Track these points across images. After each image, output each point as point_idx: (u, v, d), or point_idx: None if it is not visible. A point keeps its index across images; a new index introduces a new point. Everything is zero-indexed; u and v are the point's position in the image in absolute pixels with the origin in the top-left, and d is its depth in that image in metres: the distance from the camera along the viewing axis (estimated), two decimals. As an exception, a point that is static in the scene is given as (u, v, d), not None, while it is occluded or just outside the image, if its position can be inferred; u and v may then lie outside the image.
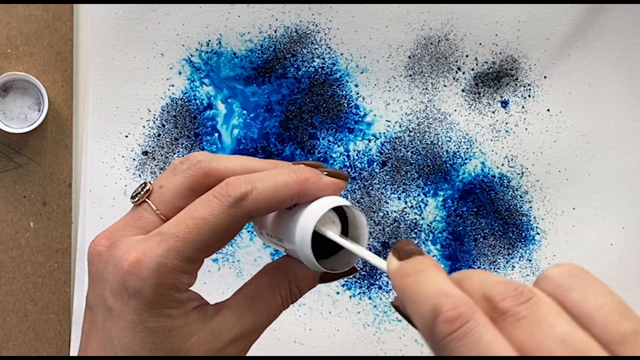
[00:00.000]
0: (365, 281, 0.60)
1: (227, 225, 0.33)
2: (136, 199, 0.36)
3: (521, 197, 0.60)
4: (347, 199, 0.59)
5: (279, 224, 0.35)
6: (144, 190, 0.36)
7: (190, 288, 0.36)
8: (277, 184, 0.34)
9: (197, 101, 0.58)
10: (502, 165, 0.60)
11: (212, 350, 0.35)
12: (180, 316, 0.34)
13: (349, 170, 0.59)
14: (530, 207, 0.61)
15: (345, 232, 0.36)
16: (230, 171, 0.35)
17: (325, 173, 0.35)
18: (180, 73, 0.58)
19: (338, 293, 0.59)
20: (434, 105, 0.60)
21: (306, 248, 0.34)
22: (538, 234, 0.61)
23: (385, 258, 0.31)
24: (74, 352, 0.57)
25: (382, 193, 0.60)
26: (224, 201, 0.33)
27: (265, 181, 0.34)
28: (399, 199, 0.60)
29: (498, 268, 0.60)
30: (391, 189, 0.60)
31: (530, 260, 0.61)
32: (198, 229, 0.33)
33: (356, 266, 0.37)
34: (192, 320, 0.34)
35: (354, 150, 0.59)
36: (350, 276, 0.60)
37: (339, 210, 0.35)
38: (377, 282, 0.60)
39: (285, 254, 0.38)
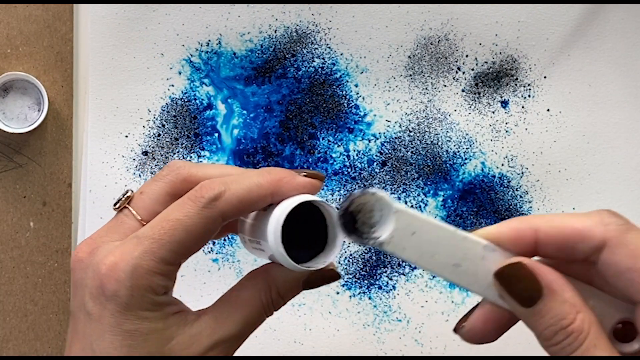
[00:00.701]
0: (365, 281, 0.60)
1: (202, 226, 0.34)
2: (117, 205, 0.37)
3: (521, 197, 0.60)
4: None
5: (256, 226, 0.36)
6: (125, 196, 0.37)
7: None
8: (251, 184, 0.34)
9: (197, 101, 0.58)
10: (502, 165, 0.60)
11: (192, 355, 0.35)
12: (159, 319, 0.34)
13: (349, 170, 0.59)
14: (530, 207, 0.61)
15: (325, 233, 0.36)
16: (208, 176, 0.36)
17: (303, 174, 0.36)
18: (180, 73, 0.58)
19: (338, 293, 0.59)
20: (434, 105, 0.60)
21: (277, 243, 0.34)
22: (538, 234, 0.61)
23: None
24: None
25: (382, 193, 0.60)
26: (198, 202, 0.34)
27: (238, 182, 0.34)
28: (399, 199, 0.60)
29: (498, 268, 0.60)
30: (391, 189, 0.60)
31: (530, 260, 0.60)
32: (173, 230, 0.34)
33: (337, 270, 0.38)
34: (171, 325, 0.34)
35: (354, 150, 0.59)
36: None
37: (317, 212, 0.36)
38: (377, 282, 0.60)
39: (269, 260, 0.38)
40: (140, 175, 0.58)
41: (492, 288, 0.33)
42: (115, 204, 0.37)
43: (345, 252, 0.59)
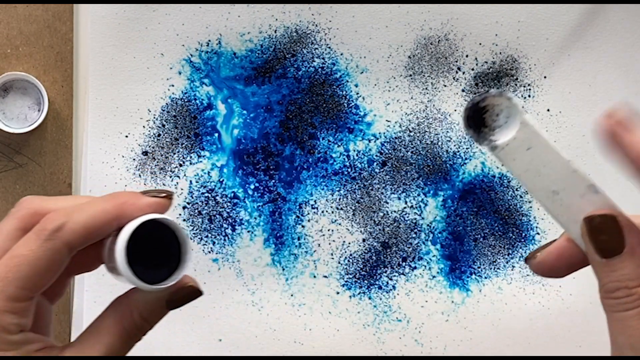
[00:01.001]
0: (365, 281, 0.60)
1: (47, 259, 0.34)
2: None
3: (521, 197, 0.60)
4: (347, 199, 0.59)
5: (110, 250, 0.36)
6: None
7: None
8: (95, 211, 0.34)
9: (197, 101, 0.58)
10: (502, 165, 0.60)
11: None
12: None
13: (349, 170, 0.59)
14: (530, 207, 0.61)
15: (178, 251, 0.36)
16: (57, 208, 0.35)
17: (151, 194, 0.36)
18: (180, 73, 0.58)
19: (338, 293, 0.59)
20: (434, 105, 0.60)
21: (123, 264, 0.34)
22: (538, 234, 0.61)
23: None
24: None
25: (382, 193, 0.60)
26: (41, 235, 0.34)
27: (82, 211, 0.34)
28: (399, 199, 0.60)
29: (498, 268, 0.60)
30: (391, 189, 0.60)
31: (530, 260, 0.61)
32: (18, 266, 0.33)
33: (197, 286, 0.38)
34: None
35: (354, 150, 0.59)
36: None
37: (169, 232, 0.36)
38: (377, 282, 0.60)
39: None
40: (140, 176, 0.58)
41: (578, 227, 0.33)
42: None
43: (345, 252, 0.59)
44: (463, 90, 0.60)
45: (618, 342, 0.32)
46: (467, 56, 0.59)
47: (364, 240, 0.59)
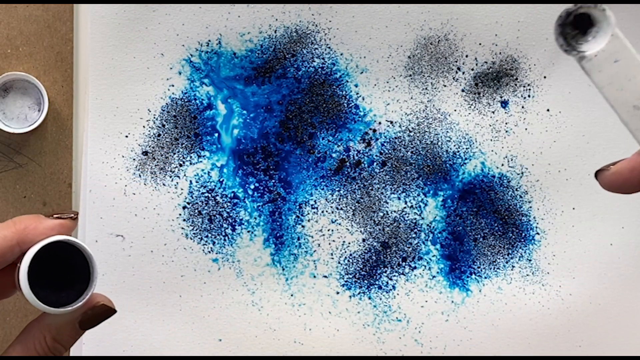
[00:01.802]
0: (365, 281, 0.60)
1: None
2: None
3: (521, 197, 0.60)
4: (347, 199, 0.59)
5: (17, 276, 0.36)
6: None
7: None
8: None
9: (197, 101, 0.58)
10: (502, 165, 0.60)
11: None
12: None
13: (349, 170, 0.59)
14: (530, 207, 0.61)
15: (88, 270, 0.36)
16: None
17: (55, 216, 0.36)
18: (180, 73, 0.58)
19: (338, 293, 0.59)
20: (433, 105, 0.60)
21: (26, 289, 0.34)
22: (538, 233, 0.61)
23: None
24: (74, 352, 0.58)
25: (382, 193, 0.60)
26: None
27: None
28: (399, 199, 0.60)
29: (498, 268, 0.60)
30: (391, 189, 0.60)
31: (530, 260, 0.61)
32: None
33: (110, 305, 0.38)
34: None
35: (354, 150, 0.59)
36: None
37: (79, 253, 0.36)
38: (377, 282, 0.60)
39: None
40: (140, 176, 0.58)
41: None
42: None
43: (345, 252, 0.59)
44: (463, 91, 0.60)
45: None
46: (467, 56, 0.59)
47: (363, 240, 0.59)
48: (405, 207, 0.60)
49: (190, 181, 0.58)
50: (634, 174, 0.35)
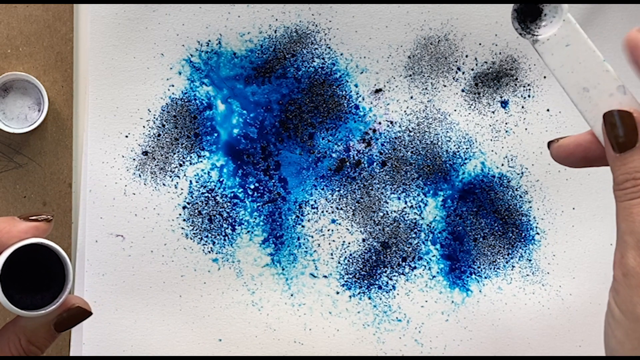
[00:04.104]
0: (365, 281, 0.60)
1: None
2: None
3: (521, 197, 0.61)
4: (347, 199, 0.59)
5: None
6: None
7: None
8: None
9: (197, 101, 0.58)
10: (502, 165, 0.60)
11: None
12: None
13: (349, 170, 0.59)
14: (530, 207, 0.61)
15: (63, 273, 0.36)
16: None
17: (32, 218, 0.36)
18: (180, 73, 0.58)
19: (338, 293, 0.59)
20: (433, 105, 0.60)
21: None
22: (538, 233, 0.61)
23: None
24: (74, 352, 0.58)
25: (382, 193, 0.60)
26: None
27: None
28: (399, 199, 0.60)
29: (498, 268, 0.60)
30: (391, 189, 0.60)
31: (530, 260, 0.61)
32: None
33: (85, 307, 0.38)
34: None
35: (354, 150, 0.59)
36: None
37: (55, 256, 0.36)
38: (377, 282, 0.60)
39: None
40: (140, 176, 0.58)
41: (600, 123, 0.36)
42: None
43: (345, 252, 0.59)
44: (463, 91, 0.60)
45: (621, 228, 0.34)
46: (466, 56, 0.59)
47: (363, 240, 0.59)
48: (405, 207, 0.60)
49: (190, 181, 0.58)
50: (578, 149, 0.37)
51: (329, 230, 0.59)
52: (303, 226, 0.59)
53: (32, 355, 0.37)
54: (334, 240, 0.59)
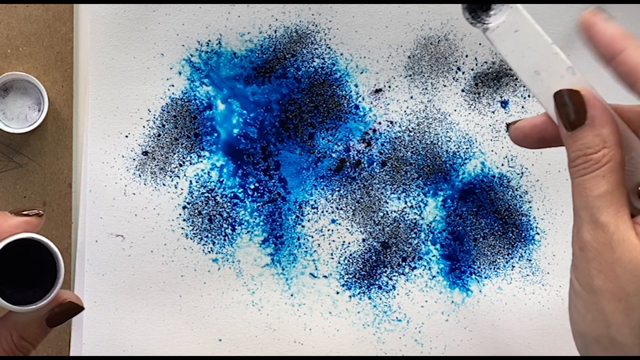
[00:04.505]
0: (365, 281, 0.60)
1: None
2: None
3: (521, 197, 0.61)
4: (347, 199, 0.59)
5: None
6: None
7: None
8: None
9: (197, 101, 0.58)
10: (502, 165, 0.60)
11: None
12: None
13: (349, 170, 0.59)
14: (530, 207, 0.61)
15: (54, 267, 0.36)
16: None
17: (24, 213, 0.36)
18: (180, 73, 0.58)
19: (338, 293, 0.59)
20: (433, 105, 0.60)
21: None
22: (538, 233, 0.61)
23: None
24: (74, 352, 0.58)
25: (382, 193, 0.60)
26: None
27: None
28: (399, 199, 0.60)
29: (498, 268, 0.60)
30: (391, 189, 0.60)
31: (530, 260, 0.61)
32: None
33: (77, 302, 0.38)
34: None
35: (354, 150, 0.59)
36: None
37: (46, 251, 0.36)
38: (377, 282, 0.60)
39: None
40: (140, 176, 0.58)
41: (552, 104, 0.37)
42: None
43: (345, 252, 0.59)
44: (463, 91, 0.60)
45: (576, 204, 0.35)
46: (466, 56, 0.59)
47: (363, 240, 0.59)
48: (405, 207, 0.60)
49: (190, 181, 0.58)
50: (534, 130, 0.38)
51: (329, 230, 0.59)
52: (303, 226, 0.59)
53: (24, 351, 0.37)
54: (334, 240, 0.59)
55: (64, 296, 0.37)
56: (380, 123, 0.59)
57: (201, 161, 0.58)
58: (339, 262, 0.59)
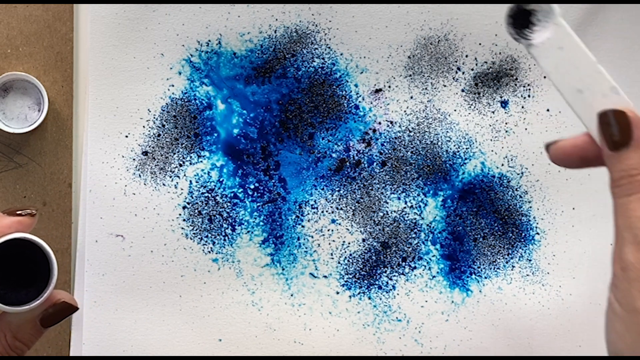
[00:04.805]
0: (365, 281, 0.60)
1: None
2: None
3: (521, 197, 0.60)
4: (347, 199, 0.59)
5: None
6: None
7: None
8: None
9: (197, 101, 0.58)
10: (502, 165, 0.60)
11: None
12: None
13: (349, 170, 0.59)
14: (530, 207, 0.61)
15: (47, 267, 0.36)
16: None
17: (18, 213, 0.36)
18: (180, 73, 0.58)
19: (338, 293, 0.59)
20: (433, 105, 0.60)
21: None
22: (538, 233, 0.61)
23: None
24: (74, 352, 0.58)
25: (382, 193, 0.60)
26: None
27: None
28: (399, 199, 0.60)
29: (498, 268, 0.60)
30: (391, 189, 0.60)
31: (530, 260, 0.61)
32: None
33: (71, 302, 0.38)
34: None
35: (354, 150, 0.59)
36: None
37: (40, 251, 0.36)
38: (377, 282, 0.60)
39: None
40: (140, 176, 0.58)
41: (595, 123, 0.37)
42: None
43: (345, 252, 0.59)
44: (463, 90, 0.60)
45: (618, 224, 0.35)
46: (466, 56, 0.59)
47: (363, 240, 0.59)
48: (405, 207, 0.60)
49: (190, 181, 0.58)
50: (575, 150, 0.38)
51: (329, 230, 0.59)
52: (303, 226, 0.59)
53: (18, 351, 0.37)
54: (334, 240, 0.59)
55: (57, 296, 0.37)
56: (380, 123, 0.59)
57: (201, 161, 0.58)
58: (339, 262, 0.59)
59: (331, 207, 0.59)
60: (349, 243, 0.59)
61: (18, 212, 0.36)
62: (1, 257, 0.35)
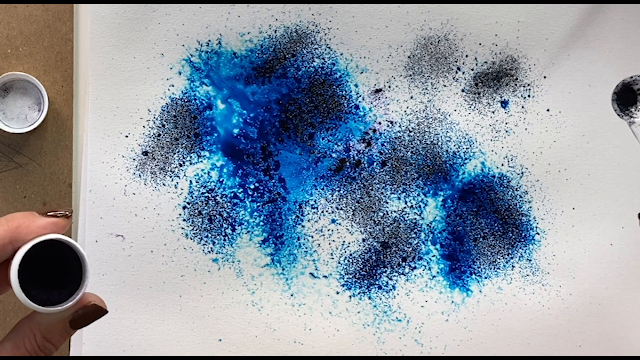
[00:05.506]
0: (365, 281, 0.60)
1: None
2: None
3: (521, 197, 0.60)
4: (347, 199, 0.59)
5: (10, 274, 0.36)
6: None
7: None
8: None
9: (197, 101, 0.58)
10: (502, 165, 0.60)
11: None
12: None
13: (349, 170, 0.59)
14: (530, 207, 0.61)
15: (80, 270, 0.36)
16: None
17: (50, 214, 0.36)
18: (180, 73, 0.58)
19: (338, 293, 0.59)
20: (433, 105, 0.60)
21: (16, 287, 0.35)
22: (538, 233, 0.61)
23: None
24: (74, 352, 0.58)
25: (382, 193, 0.60)
26: None
27: None
28: (399, 199, 0.60)
29: (498, 268, 0.60)
30: (391, 189, 0.60)
31: (530, 260, 0.61)
32: None
33: (101, 305, 0.38)
34: None
35: (354, 150, 0.59)
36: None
37: (73, 252, 0.36)
38: (377, 282, 0.60)
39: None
40: (140, 176, 0.58)
41: None
42: None
43: (345, 252, 0.59)
44: (463, 90, 0.60)
45: None
46: (466, 56, 0.59)
47: (363, 240, 0.59)
48: (405, 207, 0.60)
49: (190, 181, 0.58)
50: None
51: (329, 230, 0.59)
52: (303, 226, 0.59)
53: (46, 351, 0.37)
54: (334, 240, 0.59)
55: (89, 298, 0.37)
56: (380, 123, 0.59)
57: (201, 161, 0.58)
58: (339, 262, 0.59)
59: (331, 207, 0.59)
60: (349, 243, 0.59)
61: (51, 214, 0.36)
62: (35, 258, 0.35)
